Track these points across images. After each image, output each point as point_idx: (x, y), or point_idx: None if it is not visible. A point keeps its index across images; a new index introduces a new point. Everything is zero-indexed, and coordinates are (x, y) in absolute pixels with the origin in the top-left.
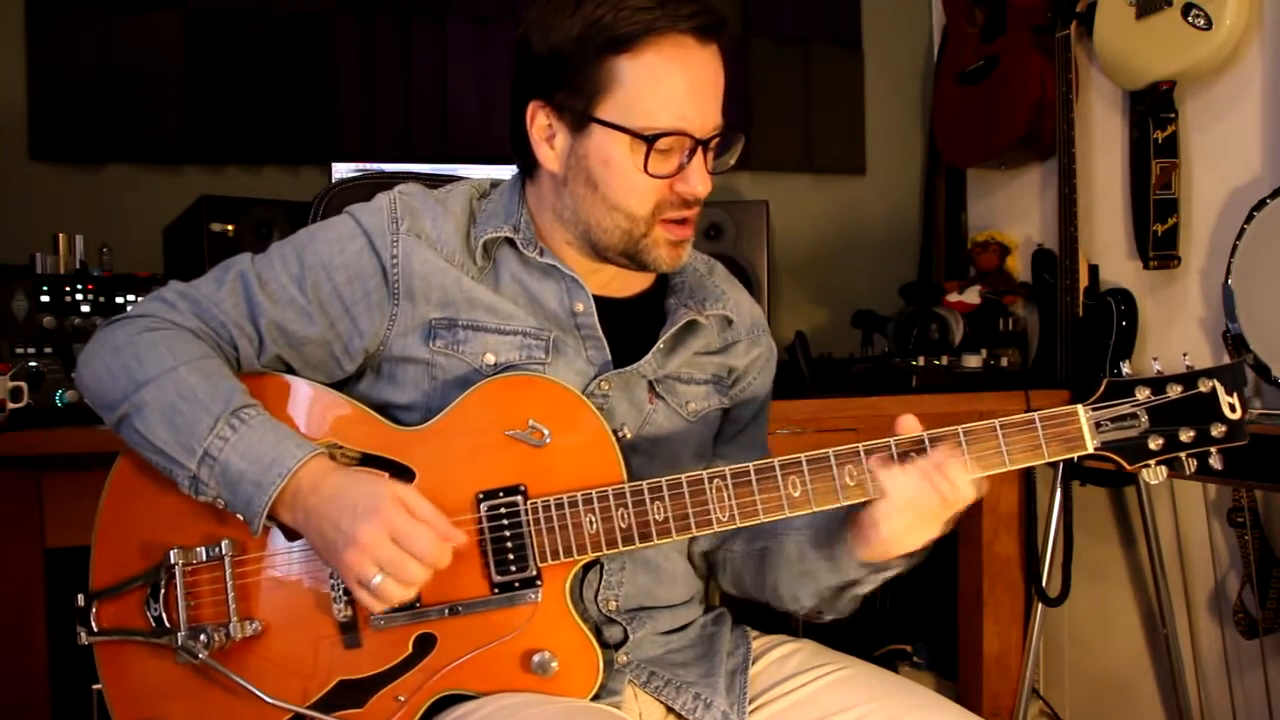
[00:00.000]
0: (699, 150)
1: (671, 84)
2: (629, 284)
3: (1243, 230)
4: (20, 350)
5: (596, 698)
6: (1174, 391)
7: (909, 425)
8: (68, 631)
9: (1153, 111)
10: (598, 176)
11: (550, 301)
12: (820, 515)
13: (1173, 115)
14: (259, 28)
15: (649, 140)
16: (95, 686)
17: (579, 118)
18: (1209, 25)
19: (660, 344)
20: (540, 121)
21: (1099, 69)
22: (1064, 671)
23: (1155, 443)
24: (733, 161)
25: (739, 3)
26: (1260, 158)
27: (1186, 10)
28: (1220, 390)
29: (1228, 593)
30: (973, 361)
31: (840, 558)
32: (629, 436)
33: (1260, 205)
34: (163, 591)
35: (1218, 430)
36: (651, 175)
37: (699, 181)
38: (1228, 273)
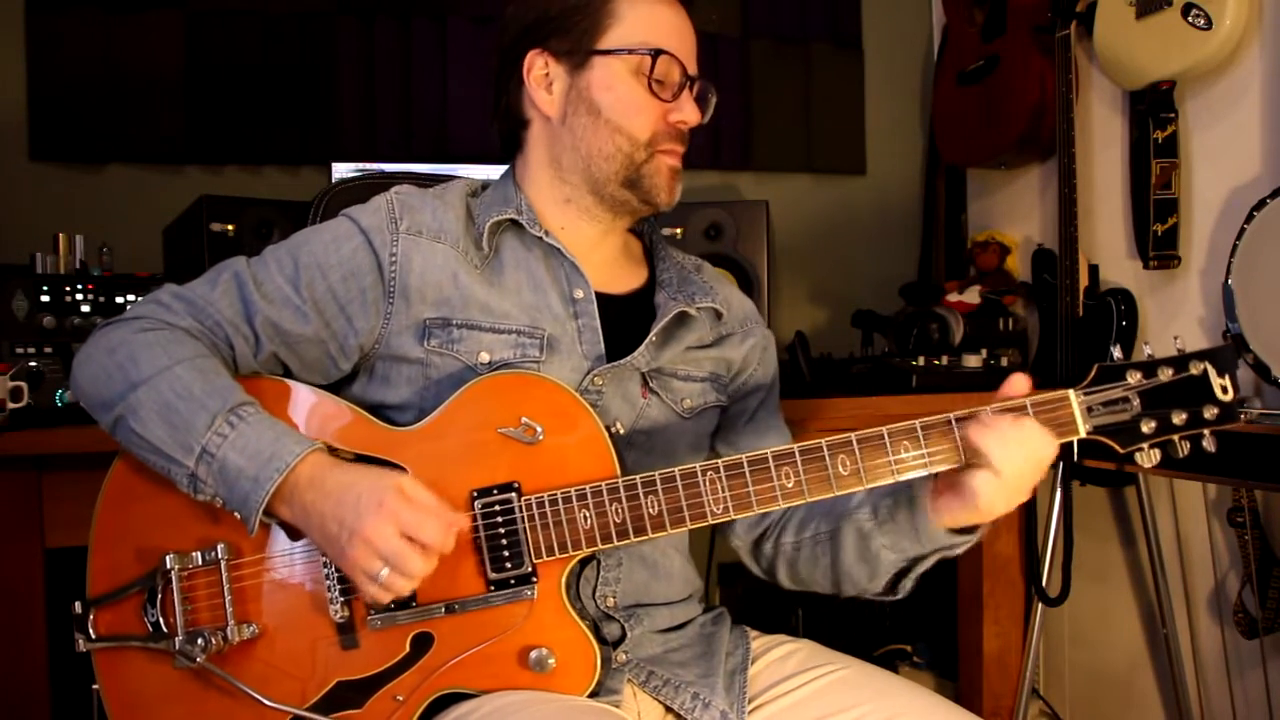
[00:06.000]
0: (689, 84)
1: (664, 20)
2: (623, 280)
3: (1243, 230)
4: (20, 350)
5: (595, 695)
6: (1165, 375)
7: (1019, 385)
8: (68, 632)
9: (1153, 111)
10: (601, 102)
11: (550, 287)
12: (877, 494)
13: (1173, 115)
14: (259, 28)
15: (654, 55)
16: (96, 687)
17: (580, 55)
18: (1209, 25)
19: (652, 337)
20: (538, 70)
21: (1099, 69)
22: (1064, 671)
23: (1147, 426)
24: (708, 115)
25: (739, 3)
26: (1260, 158)
27: (1186, 10)
28: (1212, 372)
29: (1228, 593)
30: (973, 361)
31: (923, 528)
32: (622, 431)
33: (1260, 205)
34: (159, 597)
35: (1210, 412)
36: (654, 95)
37: (691, 111)
38: (1228, 272)
